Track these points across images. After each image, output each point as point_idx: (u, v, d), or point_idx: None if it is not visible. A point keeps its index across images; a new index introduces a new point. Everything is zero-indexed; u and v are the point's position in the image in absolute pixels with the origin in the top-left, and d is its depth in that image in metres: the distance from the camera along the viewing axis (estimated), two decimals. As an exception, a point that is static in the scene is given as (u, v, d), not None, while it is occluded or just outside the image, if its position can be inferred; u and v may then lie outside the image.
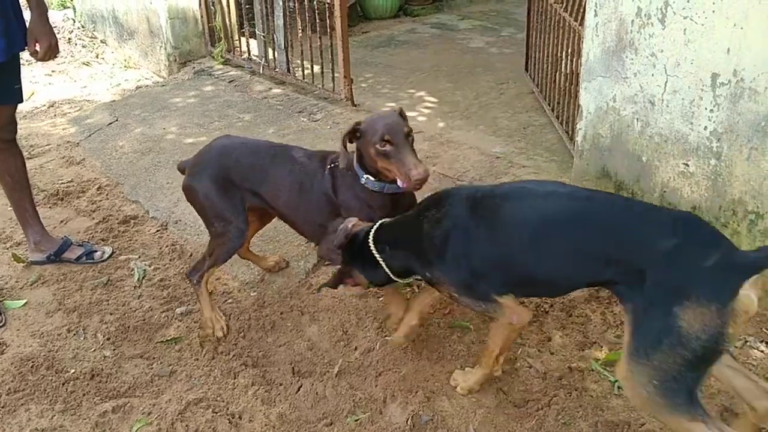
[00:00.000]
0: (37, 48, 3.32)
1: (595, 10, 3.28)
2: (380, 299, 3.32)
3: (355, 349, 3.06)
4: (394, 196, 2.86)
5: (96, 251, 3.78)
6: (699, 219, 2.18)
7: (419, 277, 2.58)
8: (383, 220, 2.65)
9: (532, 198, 2.36)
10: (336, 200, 2.92)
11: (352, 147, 2.85)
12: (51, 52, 3.36)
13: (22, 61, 3.53)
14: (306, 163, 3.01)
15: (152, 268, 3.70)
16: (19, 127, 3.65)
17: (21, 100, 3.51)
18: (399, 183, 2.72)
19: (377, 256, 2.56)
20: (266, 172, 3.05)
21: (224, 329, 3.18)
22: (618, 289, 2.20)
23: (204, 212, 3.13)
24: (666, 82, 3.09)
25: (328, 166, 2.94)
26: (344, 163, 2.83)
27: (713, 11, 2.84)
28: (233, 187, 3.06)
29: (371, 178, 2.81)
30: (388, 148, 2.68)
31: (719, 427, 2.04)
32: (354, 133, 2.78)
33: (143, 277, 3.61)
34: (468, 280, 2.40)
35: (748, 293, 1.95)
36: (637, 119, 3.27)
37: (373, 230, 2.59)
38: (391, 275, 2.61)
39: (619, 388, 2.75)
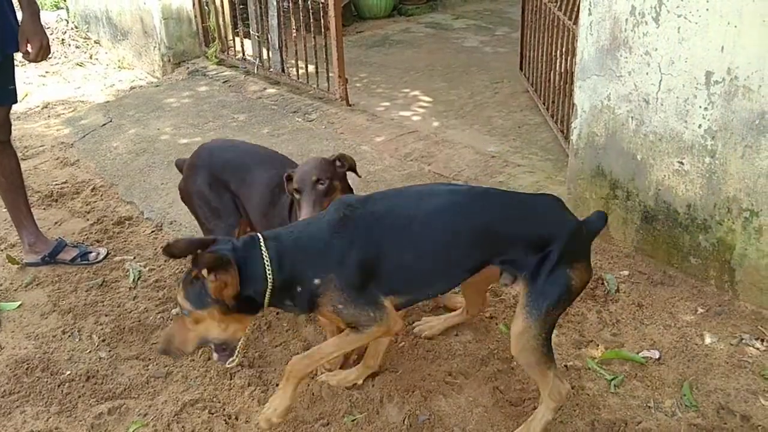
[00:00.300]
0: (29, 49, 3.31)
1: (589, 9, 3.29)
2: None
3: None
4: None
5: (91, 252, 3.77)
6: (559, 200, 2.53)
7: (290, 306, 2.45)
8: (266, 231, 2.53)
9: (415, 197, 2.50)
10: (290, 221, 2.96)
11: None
12: (43, 52, 3.35)
13: (16, 62, 3.51)
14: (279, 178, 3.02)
15: (147, 269, 3.68)
16: (13, 128, 3.63)
17: (15, 101, 3.50)
18: None
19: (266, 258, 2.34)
20: (246, 176, 3.13)
21: None
22: (508, 265, 2.42)
23: (197, 212, 3.23)
24: (660, 80, 3.10)
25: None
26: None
27: (707, 9, 2.85)
28: (224, 188, 3.15)
29: None
30: (297, 195, 2.84)
31: (557, 374, 2.44)
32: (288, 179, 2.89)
33: (138, 279, 3.60)
34: (358, 282, 2.35)
35: None
36: (632, 118, 3.27)
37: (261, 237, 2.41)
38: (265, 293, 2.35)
39: (615, 386, 2.76)
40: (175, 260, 3.71)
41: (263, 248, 2.31)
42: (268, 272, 2.29)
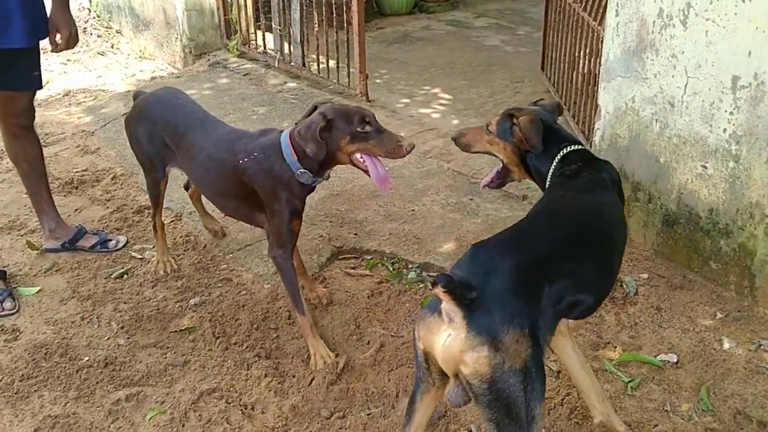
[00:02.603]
0: (58, 38, 3.33)
1: (616, 10, 3.27)
2: (389, 298, 3.33)
3: (368, 343, 3.06)
4: (311, 188, 3.00)
5: (110, 240, 3.80)
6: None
7: None
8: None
9: None
10: (250, 183, 2.96)
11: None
12: (71, 41, 3.38)
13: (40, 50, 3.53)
14: (225, 144, 3.06)
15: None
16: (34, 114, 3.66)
17: (40, 87, 3.53)
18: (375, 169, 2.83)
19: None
20: (186, 136, 3.18)
21: (171, 265, 3.58)
22: None
23: (134, 152, 3.52)
24: (686, 83, 3.08)
25: (243, 159, 2.95)
26: (319, 154, 2.79)
27: (735, 14, 2.83)
28: (158, 139, 3.30)
29: (307, 172, 2.87)
30: (368, 129, 2.78)
31: None
32: (328, 127, 2.78)
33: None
34: None
35: (446, 319, 1.92)
36: (656, 120, 3.25)
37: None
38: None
39: (632, 388, 2.75)
40: (194, 251, 3.74)
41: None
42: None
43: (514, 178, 2.75)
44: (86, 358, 3.00)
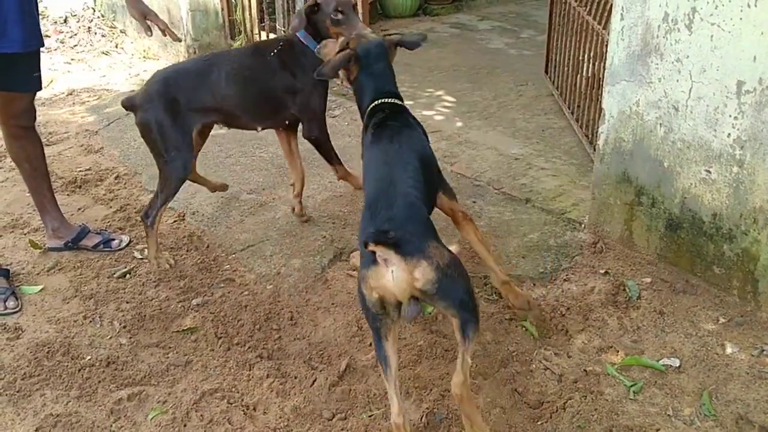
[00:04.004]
0: (158, 25, 3.55)
1: (621, 14, 3.27)
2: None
3: (370, 345, 3.06)
4: None
5: (114, 240, 3.80)
6: (404, 179, 2.70)
7: None
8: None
9: None
10: (290, 75, 3.60)
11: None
12: (159, 21, 3.61)
13: (42, 49, 3.54)
14: (245, 59, 3.65)
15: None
16: (38, 114, 3.66)
17: (40, 88, 3.53)
18: None
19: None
20: (209, 83, 3.54)
21: (170, 261, 3.65)
22: None
23: (157, 144, 3.49)
24: (691, 88, 3.08)
25: (273, 52, 3.58)
26: (299, 26, 3.53)
27: (741, 18, 2.83)
28: (181, 114, 3.46)
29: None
30: (340, 16, 3.45)
31: (395, 398, 2.49)
32: (313, 8, 3.50)
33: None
34: None
35: (383, 264, 2.37)
36: (660, 124, 3.25)
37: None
38: None
39: (634, 392, 2.75)
40: (197, 251, 3.74)
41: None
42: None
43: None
44: (88, 357, 3.01)
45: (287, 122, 3.75)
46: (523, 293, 3.13)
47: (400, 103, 3.02)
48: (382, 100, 2.96)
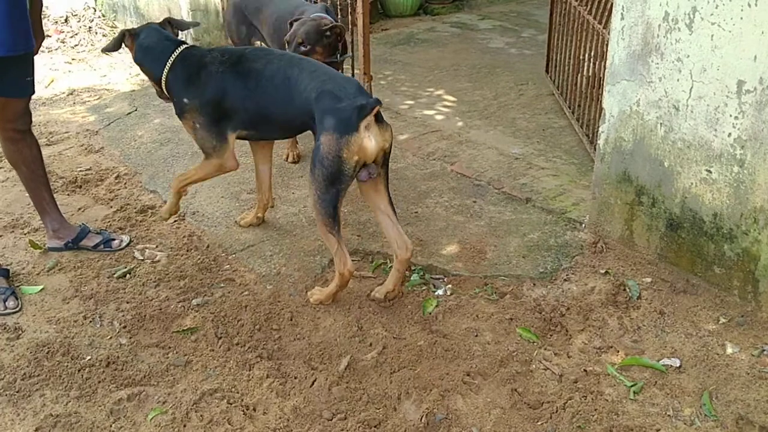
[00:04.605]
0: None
1: (621, 14, 3.27)
2: (391, 300, 3.33)
3: (370, 345, 3.06)
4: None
5: (114, 240, 3.80)
6: (339, 75, 3.23)
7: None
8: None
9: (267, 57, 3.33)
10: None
11: None
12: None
13: (42, 48, 3.53)
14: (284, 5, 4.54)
15: (169, 258, 3.70)
16: (38, 113, 3.68)
17: (33, 92, 3.51)
18: None
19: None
20: (262, 11, 4.66)
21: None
22: (313, 128, 3.10)
23: (229, 36, 5.12)
24: (691, 87, 3.08)
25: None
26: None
27: (741, 18, 2.82)
28: (245, 19, 4.81)
29: None
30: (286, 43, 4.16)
31: (344, 250, 3.13)
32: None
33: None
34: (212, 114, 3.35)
35: (363, 130, 2.91)
36: (661, 124, 3.25)
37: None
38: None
39: (634, 393, 2.75)
40: (197, 251, 3.74)
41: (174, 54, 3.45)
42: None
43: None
44: (88, 358, 3.00)
45: None
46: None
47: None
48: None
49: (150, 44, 3.52)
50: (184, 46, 3.49)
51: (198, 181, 3.66)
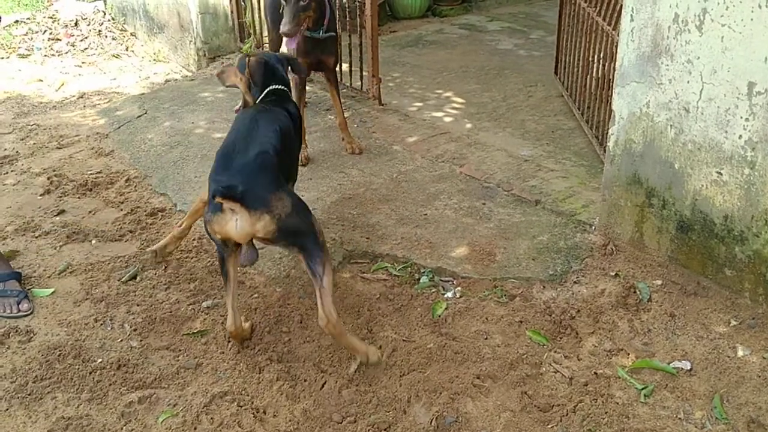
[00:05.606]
0: None
1: (631, 15, 3.26)
2: (401, 302, 3.33)
3: (380, 347, 3.06)
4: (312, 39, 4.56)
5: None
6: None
7: None
8: None
9: None
10: None
11: None
12: None
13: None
14: None
15: (179, 261, 3.71)
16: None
17: None
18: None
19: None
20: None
21: None
22: None
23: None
24: (701, 89, 3.07)
25: None
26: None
27: (752, 19, 2.81)
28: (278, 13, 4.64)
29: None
30: (283, 2, 4.23)
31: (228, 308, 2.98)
32: None
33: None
34: None
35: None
36: (671, 126, 3.24)
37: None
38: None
39: (645, 395, 2.74)
40: (206, 254, 3.75)
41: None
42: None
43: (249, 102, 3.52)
44: (99, 360, 3.02)
45: None
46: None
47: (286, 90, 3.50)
48: (275, 87, 3.44)
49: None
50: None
51: None
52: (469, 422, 2.66)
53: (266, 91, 3.41)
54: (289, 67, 3.66)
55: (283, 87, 3.47)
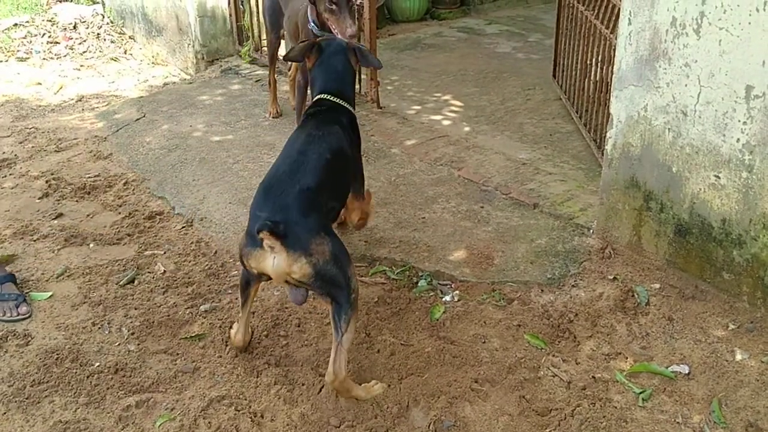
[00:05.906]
0: None
1: (629, 19, 3.26)
2: (399, 306, 3.33)
3: (378, 351, 3.06)
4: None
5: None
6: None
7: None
8: None
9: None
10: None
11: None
12: None
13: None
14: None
15: (177, 264, 3.71)
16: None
17: None
18: (337, 34, 4.06)
19: None
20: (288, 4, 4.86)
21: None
22: None
23: (265, 22, 5.46)
24: (699, 93, 3.07)
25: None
26: (310, 12, 4.35)
27: (749, 23, 2.81)
28: (278, 11, 5.07)
29: (316, 26, 4.30)
30: (333, 7, 4.09)
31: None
32: None
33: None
34: None
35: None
36: (669, 129, 3.24)
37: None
38: None
39: (643, 400, 2.74)
40: (204, 257, 3.75)
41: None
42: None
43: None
44: (97, 364, 3.01)
45: None
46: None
47: (340, 102, 3.23)
48: (327, 96, 3.21)
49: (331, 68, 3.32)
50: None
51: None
52: (467, 426, 2.66)
53: (318, 97, 3.23)
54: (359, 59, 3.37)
55: (340, 89, 3.26)
